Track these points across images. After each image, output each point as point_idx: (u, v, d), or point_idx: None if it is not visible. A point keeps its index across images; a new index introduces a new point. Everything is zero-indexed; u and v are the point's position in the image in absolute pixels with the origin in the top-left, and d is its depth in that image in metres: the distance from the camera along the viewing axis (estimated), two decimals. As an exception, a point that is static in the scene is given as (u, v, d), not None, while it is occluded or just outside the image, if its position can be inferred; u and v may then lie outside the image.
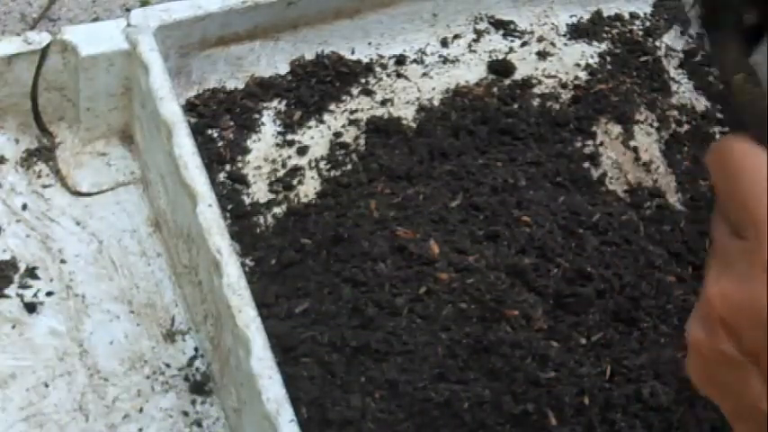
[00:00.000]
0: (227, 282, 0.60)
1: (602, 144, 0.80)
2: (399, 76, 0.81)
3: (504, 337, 0.66)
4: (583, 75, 0.84)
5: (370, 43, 0.82)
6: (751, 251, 0.38)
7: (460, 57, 0.83)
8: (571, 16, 0.87)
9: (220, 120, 0.76)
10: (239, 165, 0.75)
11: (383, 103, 0.80)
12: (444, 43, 0.84)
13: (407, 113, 0.79)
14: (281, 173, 0.75)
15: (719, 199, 0.41)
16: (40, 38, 0.69)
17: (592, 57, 0.85)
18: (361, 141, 0.77)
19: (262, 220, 0.72)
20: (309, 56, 0.80)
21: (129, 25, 0.70)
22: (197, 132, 0.74)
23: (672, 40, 0.88)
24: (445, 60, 0.83)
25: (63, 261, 0.69)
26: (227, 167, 0.74)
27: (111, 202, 0.72)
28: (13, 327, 0.66)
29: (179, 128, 0.66)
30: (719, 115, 0.84)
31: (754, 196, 0.39)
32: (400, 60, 0.82)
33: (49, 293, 0.67)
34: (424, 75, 0.82)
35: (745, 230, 0.39)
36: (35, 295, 0.67)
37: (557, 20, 0.87)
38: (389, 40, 0.82)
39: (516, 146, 0.77)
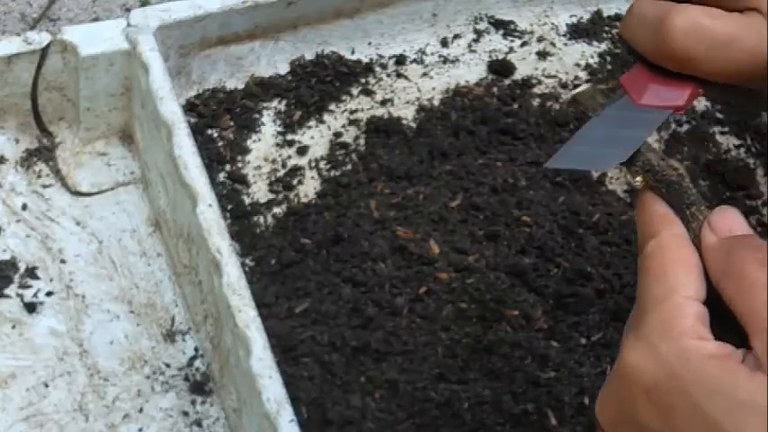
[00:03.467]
0: (227, 282, 0.60)
1: (602, 144, 0.80)
2: (399, 76, 0.81)
3: (504, 337, 0.66)
4: (583, 75, 0.84)
5: (370, 43, 0.82)
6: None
7: (460, 57, 0.83)
8: (571, 16, 0.87)
9: (220, 120, 0.76)
10: (239, 165, 0.75)
11: (383, 103, 0.80)
12: (444, 43, 0.84)
13: (407, 113, 0.79)
14: (281, 173, 0.75)
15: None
16: (40, 38, 0.69)
17: (592, 57, 0.85)
18: (361, 141, 0.77)
19: (262, 220, 0.72)
20: (309, 56, 0.80)
21: (129, 25, 0.70)
22: (197, 132, 0.74)
23: (672, 40, 0.88)
24: (445, 60, 0.83)
25: (63, 261, 0.69)
26: (227, 167, 0.74)
27: (111, 202, 0.72)
28: (13, 327, 0.66)
29: (179, 128, 0.66)
30: (719, 115, 0.84)
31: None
32: (400, 60, 0.82)
33: (49, 293, 0.67)
34: (424, 75, 0.82)
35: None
36: (35, 295, 0.67)
37: (557, 20, 0.87)
38: (389, 40, 0.82)
39: (516, 146, 0.77)
